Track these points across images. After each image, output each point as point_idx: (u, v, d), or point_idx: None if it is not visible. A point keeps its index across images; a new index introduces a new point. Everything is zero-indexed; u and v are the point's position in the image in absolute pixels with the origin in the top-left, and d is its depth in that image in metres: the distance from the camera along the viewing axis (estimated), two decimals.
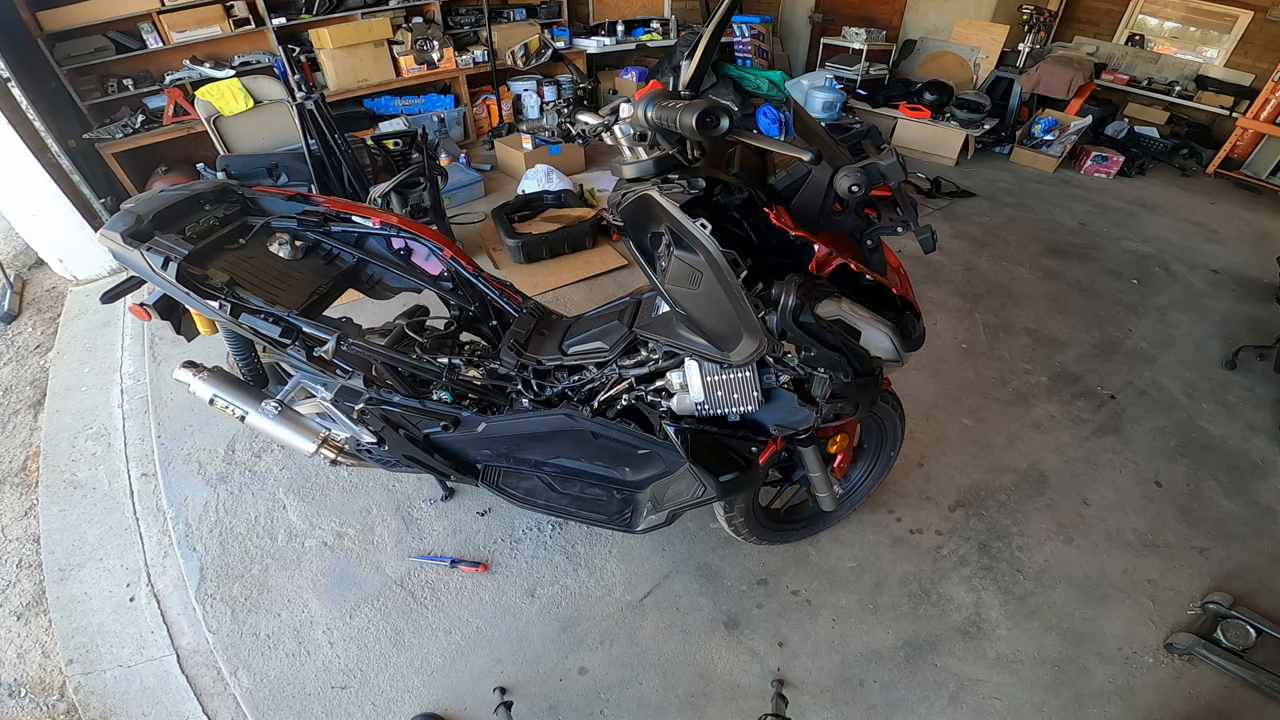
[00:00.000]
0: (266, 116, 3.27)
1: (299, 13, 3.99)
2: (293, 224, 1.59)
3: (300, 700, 1.55)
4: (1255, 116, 4.29)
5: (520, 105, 5.08)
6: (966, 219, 3.91)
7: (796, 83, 4.82)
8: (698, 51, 1.02)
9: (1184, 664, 1.62)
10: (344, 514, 1.98)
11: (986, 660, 1.63)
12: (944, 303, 3.03)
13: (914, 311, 1.22)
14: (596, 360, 1.34)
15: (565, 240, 3.26)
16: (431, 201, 2.93)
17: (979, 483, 2.10)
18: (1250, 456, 2.25)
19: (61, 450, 2.27)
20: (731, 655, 1.64)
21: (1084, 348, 2.77)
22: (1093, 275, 3.33)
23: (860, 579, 1.81)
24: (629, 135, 1.08)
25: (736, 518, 1.60)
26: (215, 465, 2.14)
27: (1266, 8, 4.41)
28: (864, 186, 0.97)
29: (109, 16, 3.45)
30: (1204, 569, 1.85)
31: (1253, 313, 3.05)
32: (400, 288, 1.73)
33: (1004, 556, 1.88)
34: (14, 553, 1.99)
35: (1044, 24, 4.95)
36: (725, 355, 1.09)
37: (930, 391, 2.45)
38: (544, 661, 1.62)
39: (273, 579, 1.81)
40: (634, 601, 1.76)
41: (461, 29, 4.62)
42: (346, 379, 1.43)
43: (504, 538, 1.91)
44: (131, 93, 3.69)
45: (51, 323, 3.02)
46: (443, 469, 1.63)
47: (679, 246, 1.06)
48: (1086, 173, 4.66)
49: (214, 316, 1.39)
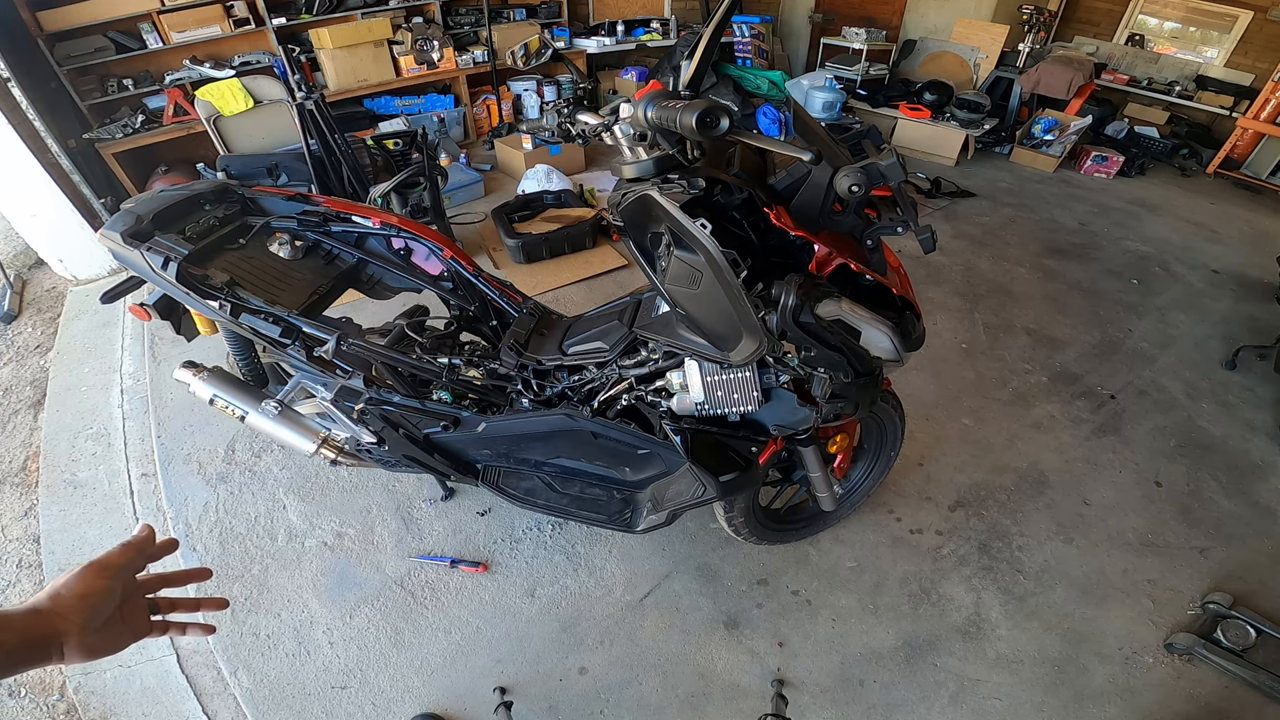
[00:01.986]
0: (266, 116, 3.27)
1: (299, 13, 3.99)
2: (293, 224, 1.59)
3: (300, 700, 1.55)
4: (1255, 116, 4.29)
5: (520, 105, 5.09)
6: (966, 219, 3.91)
7: (796, 83, 4.82)
8: (698, 51, 1.02)
9: (1184, 664, 1.62)
10: (344, 514, 1.98)
11: (986, 660, 1.63)
12: (944, 303, 3.03)
13: (914, 311, 1.22)
14: (596, 360, 1.34)
15: (565, 240, 3.26)
16: (431, 201, 2.93)
17: (979, 483, 2.10)
18: (1250, 456, 2.25)
19: (61, 450, 2.27)
20: (731, 655, 1.64)
21: (1084, 348, 2.77)
22: (1093, 275, 3.33)
23: (860, 579, 1.81)
24: (629, 135, 1.08)
25: (736, 518, 1.60)
26: (215, 465, 2.14)
27: (1266, 8, 4.41)
28: (864, 186, 0.97)
29: (109, 16, 3.45)
30: (1204, 569, 1.85)
31: (1253, 313, 3.05)
32: (400, 288, 1.73)
33: (1004, 556, 1.88)
34: (14, 553, 1.99)
35: (1044, 24, 4.95)
36: (725, 355, 1.09)
37: (930, 391, 2.45)
38: (544, 661, 1.62)
39: (273, 579, 1.81)
40: (634, 601, 1.76)
41: (461, 29, 4.62)
42: (346, 379, 1.43)
43: (504, 538, 1.91)
44: (131, 93, 3.70)
45: (51, 323, 3.02)
46: (443, 469, 1.63)
47: (679, 246, 1.06)
48: (1086, 173, 4.66)
49: (214, 316, 1.39)
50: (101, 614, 0.55)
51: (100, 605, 0.55)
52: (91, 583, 0.55)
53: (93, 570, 0.56)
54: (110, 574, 0.57)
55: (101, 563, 0.57)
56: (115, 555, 0.59)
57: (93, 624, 0.54)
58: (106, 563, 0.57)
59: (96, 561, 0.57)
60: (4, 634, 0.50)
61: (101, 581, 0.56)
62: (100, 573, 0.56)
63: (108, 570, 0.57)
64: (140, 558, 0.61)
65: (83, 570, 0.56)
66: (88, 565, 0.56)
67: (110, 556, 0.58)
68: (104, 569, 0.57)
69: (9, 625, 0.51)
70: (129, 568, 0.59)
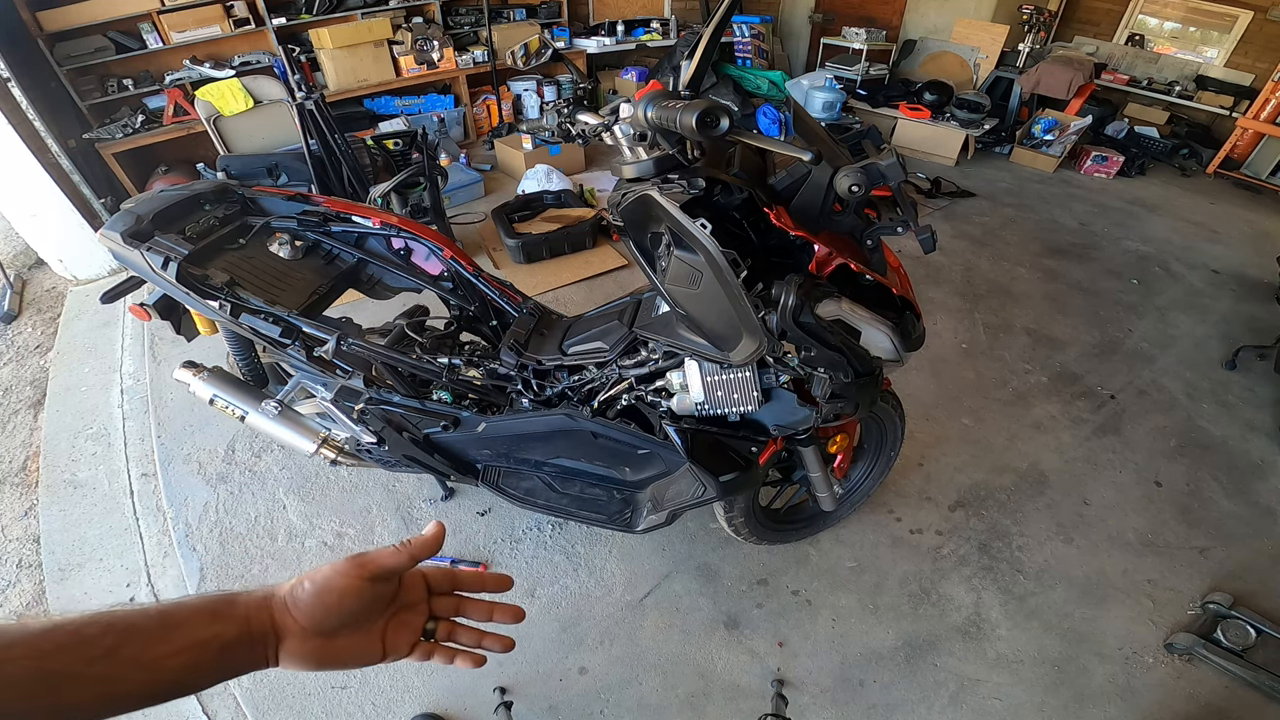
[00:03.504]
0: (266, 116, 3.27)
1: (299, 13, 3.99)
2: (293, 224, 1.59)
3: (300, 700, 1.55)
4: (1255, 116, 4.29)
5: (520, 105, 5.09)
6: (966, 219, 3.91)
7: (796, 83, 4.82)
8: (698, 51, 1.02)
9: (1184, 664, 1.62)
10: (344, 514, 1.98)
11: (986, 660, 1.63)
12: (944, 303, 3.03)
13: (914, 311, 1.22)
14: (596, 360, 1.34)
15: (565, 240, 3.26)
16: (431, 201, 2.93)
17: (979, 483, 2.10)
18: (1250, 456, 2.24)
19: (61, 450, 2.27)
20: (731, 655, 1.64)
21: (1084, 348, 2.77)
22: (1093, 275, 3.33)
23: (860, 579, 1.81)
24: (629, 135, 1.08)
25: (736, 518, 1.60)
26: (215, 465, 2.14)
27: (1266, 8, 4.41)
28: (864, 186, 0.97)
29: (109, 16, 3.45)
30: (1204, 569, 1.85)
31: (1253, 313, 3.05)
32: (400, 288, 1.73)
33: (1004, 556, 1.88)
34: (14, 553, 1.99)
35: (1044, 24, 4.95)
36: (725, 355, 1.09)
37: (930, 391, 2.45)
38: (544, 661, 1.62)
39: (273, 579, 1.80)
40: (634, 601, 1.75)
41: (461, 29, 4.62)
42: (346, 379, 1.43)
43: (504, 538, 1.91)
44: (131, 93, 3.69)
45: (51, 323, 3.02)
46: (443, 469, 1.63)
47: (679, 246, 1.06)
48: (1086, 173, 4.66)
49: (214, 316, 1.39)
50: (340, 617, 0.46)
51: (338, 607, 0.46)
52: (337, 579, 0.46)
53: (349, 564, 0.47)
54: (366, 573, 0.47)
55: (364, 559, 0.48)
56: (384, 554, 0.49)
57: (324, 626, 0.45)
58: (369, 560, 0.48)
59: (360, 555, 0.48)
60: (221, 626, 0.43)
61: (350, 580, 0.46)
62: (356, 569, 0.47)
63: (365, 568, 0.47)
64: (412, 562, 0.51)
65: (340, 562, 0.47)
66: (350, 557, 0.48)
67: (376, 554, 0.49)
68: (361, 566, 0.47)
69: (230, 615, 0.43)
70: (395, 570, 0.49)
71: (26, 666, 0.37)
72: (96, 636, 0.39)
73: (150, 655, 0.40)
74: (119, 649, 0.39)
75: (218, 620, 0.43)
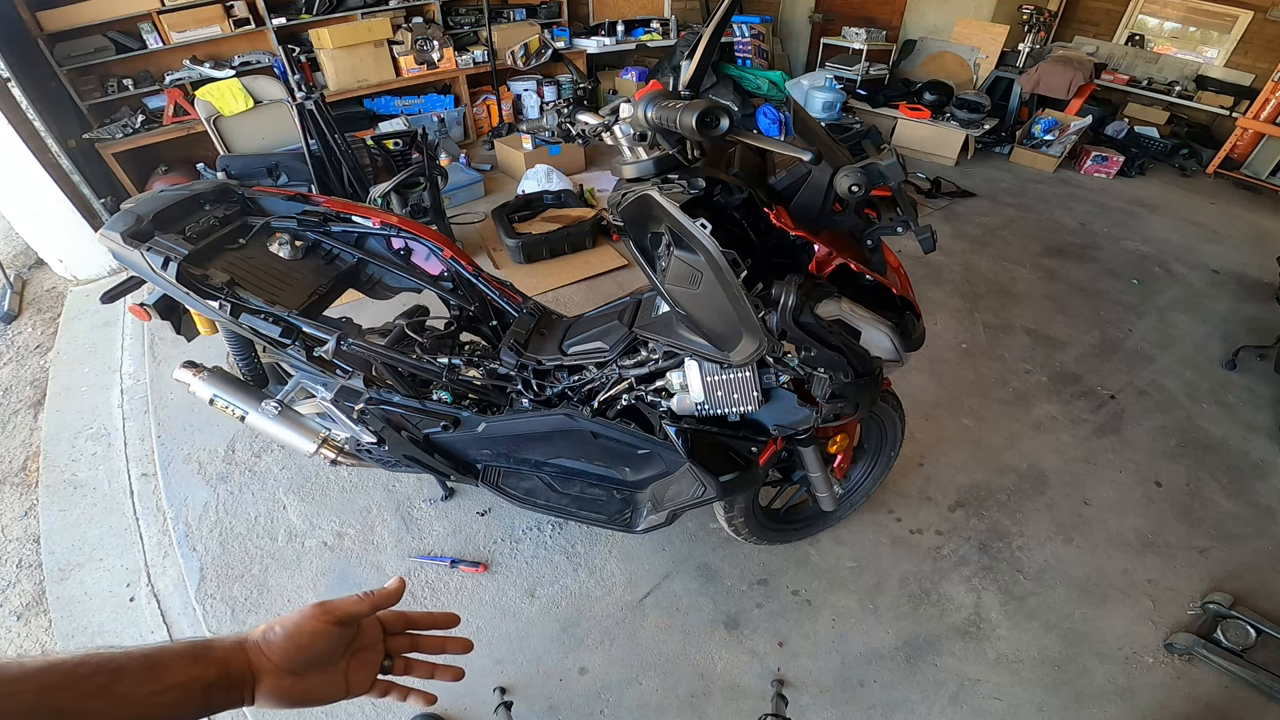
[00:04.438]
0: (266, 116, 3.27)
1: (299, 13, 3.99)
2: (293, 224, 1.59)
3: None
4: (1255, 116, 4.29)
5: (520, 105, 5.08)
6: (966, 219, 3.91)
7: (796, 83, 4.82)
8: (698, 51, 1.02)
9: (1184, 664, 1.62)
10: (344, 514, 1.98)
11: (986, 660, 1.63)
12: (944, 303, 3.03)
13: (914, 311, 1.22)
14: (596, 360, 1.34)
15: (565, 240, 3.26)
16: (431, 201, 2.93)
17: (979, 483, 2.10)
18: (1250, 456, 2.24)
19: (61, 450, 2.27)
20: (731, 655, 1.64)
21: (1084, 348, 2.77)
22: (1093, 275, 3.33)
23: (860, 579, 1.81)
24: (629, 135, 1.08)
25: (736, 518, 1.60)
26: (215, 465, 2.14)
27: (1266, 8, 4.41)
28: (864, 186, 0.97)
29: (109, 16, 3.45)
30: (1204, 569, 1.85)
31: (1253, 313, 3.05)
32: (400, 288, 1.73)
33: (1004, 556, 1.88)
34: (14, 553, 1.99)
35: (1044, 24, 4.95)
36: (725, 355, 1.09)
37: (930, 391, 2.45)
38: (544, 661, 1.62)
39: (273, 579, 1.81)
40: (634, 601, 1.76)
41: (461, 29, 4.62)
42: (346, 379, 1.43)
43: (504, 538, 1.91)
44: (131, 93, 3.69)
45: (51, 323, 3.02)
46: (443, 469, 1.63)
47: (679, 246, 1.06)
48: (1086, 173, 4.66)
49: (214, 316, 1.39)
50: (308, 657, 0.50)
51: (309, 648, 0.50)
52: (306, 623, 0.51)
53: (315, 610, 0.52)
54: (332, 618, 0.52)
55: (329, 605, 0.53)
56: (349, 602, 0.54)
57: (295, 666, 0.49)
58: (334, 606, 0.53)
59: (325, 603, 0.53)
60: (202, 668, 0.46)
61: (318, 624, 0.51)
62: (322, 614, 0.52)
63: (331, 614, 0.52)
64: (373, 610, 0.56)
65: (306, 608, 0.52)
66: (315, 604, 0.52)
67: (342, 601, 0.54)
68: (328, 611, 0.52)
69: (208, 658, 0.47)
70: (359, 616, 0.54)
71: (30, 701, 0.39)
72: (90, 674, 0.41)
73: (140, 693, 0.43)
74: (112, 687, 0.42)
75: (198, 663, 0.46)
